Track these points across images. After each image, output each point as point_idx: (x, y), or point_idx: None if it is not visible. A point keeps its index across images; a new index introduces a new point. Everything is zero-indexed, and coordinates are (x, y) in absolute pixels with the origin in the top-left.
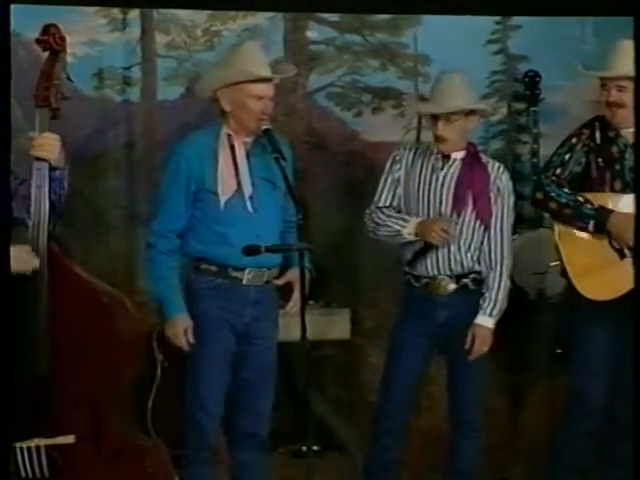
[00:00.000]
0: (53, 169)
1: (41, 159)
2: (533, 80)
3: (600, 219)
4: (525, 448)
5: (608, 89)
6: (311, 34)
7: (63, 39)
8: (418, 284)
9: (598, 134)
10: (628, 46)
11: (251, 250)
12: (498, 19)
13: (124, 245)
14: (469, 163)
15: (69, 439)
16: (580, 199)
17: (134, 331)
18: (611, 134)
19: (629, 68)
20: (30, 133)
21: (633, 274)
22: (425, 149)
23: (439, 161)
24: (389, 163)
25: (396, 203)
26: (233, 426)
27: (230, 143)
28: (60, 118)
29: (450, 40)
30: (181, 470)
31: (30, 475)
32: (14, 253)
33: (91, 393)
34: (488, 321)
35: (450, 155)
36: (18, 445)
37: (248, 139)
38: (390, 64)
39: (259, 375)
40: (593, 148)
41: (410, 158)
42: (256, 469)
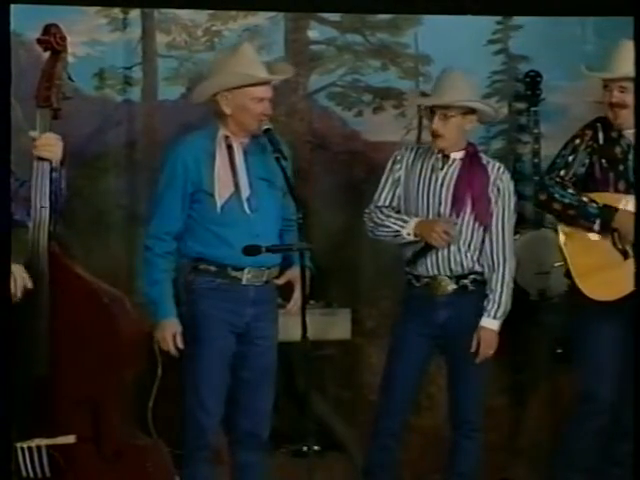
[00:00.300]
0: (53, 169)
1: (43, 159)
2: (534, 80)
3: (606, 217)
4: (526, 448)
5: (610, 90)
6: (312, 34)
7: (64, 39)
8: (418, 284)
9: (601, 135)
10: (630, 47)
11: (251, 250)
12: (499, 19)
13: (125, 245)
14: (468, 164)
15: (70, 439)
16: (584, 199)
17: (135, 331)
18: (614, 135)
19: (631, 69)
20: (31, 132)
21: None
22: (426, 149)
23: (439, 161)
24: (390, 163)
25: (396, 203)
26: (233, 426)
27: (227, 144)
28: (61, 118)
29: (451, 40)
30: (181, 470)
31: (31, 475)
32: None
33: (92, 393)
34: (493, 323)
35: (450, 155)
36: (19, 445)
37: (245, 139)
38: (391, 64)
39: (259, 375)
40: (596, 149)
41: (411, 158)
42: (256, 469)
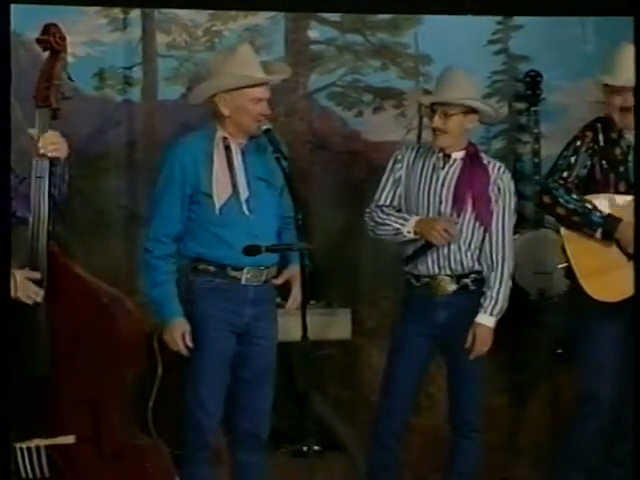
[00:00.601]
0: (54, 165)
1: (49, 157)
2: (534, 80)
3: (608, 228)
4: (526, 448)
5: (621, 94)
6: (312, 34)
7: (64, 39)
8: (418, 284)
9: (601, 136)
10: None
11: (251, 250)
12: (499, 19)
13: (125, 245)
14: (469, 163)
15: (69, 439)
16: (588, 206)
17: (135, 331)
18: (614, 136)
19: None
20: (29, 130)
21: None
22: (427, 149)
23: (440, 160)
24: (391, 162)
25: (396, 202)
26: (233, 426)
27: (225, 146)
28: (60, 118)
29: (451, 40)
30: (181, 470)
31: (30, 475)
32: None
33: (92, 393)
34: (489, 320)
35: (451, 155)
36: (18, 445)
37: (243, 140)
38: (391, 64)
39: (259, 375)
40: (597, 150)
41: (412, 157)
42: (256, 469)
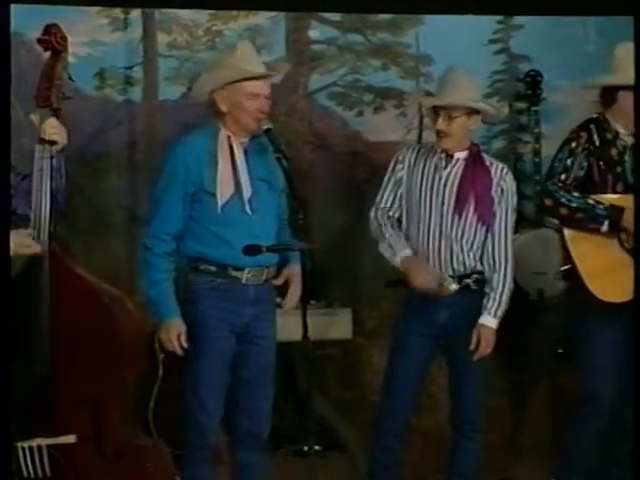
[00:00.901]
0: (52, 157)
1: (50, 142)
2: (535, 80)
3: (614, 217)
4: (526, 448)
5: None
6: (313, 34)
7: (64, 39)
8: None
9: (596, 137)
10: None
11: (252, 250)
12: (500, 19)
13: (125, 245)
14: (472, 164)
15: (70, 439)
16: (591, 201)
17: (135, 331)
18: (609, 136)
19: None
20: (31, 116)
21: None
22: (428, 149)
23: (442, 160)
24: (392, 163)
25: (397, 204)
26: (233, 426)
27: (229, 144)
28: (61, 118)
29: (452, 40)
30: (182, 470)
31: (32, 475)
32: (13, 237)
33: (93, 393)
34: (492, 322)
35: (453, 155)
36: (20, 445)
37: (245, 139)
38: (392, 64)
39: (259, 375)
40: (593, 151)
41: (413, 158)
42: (256, 469)
